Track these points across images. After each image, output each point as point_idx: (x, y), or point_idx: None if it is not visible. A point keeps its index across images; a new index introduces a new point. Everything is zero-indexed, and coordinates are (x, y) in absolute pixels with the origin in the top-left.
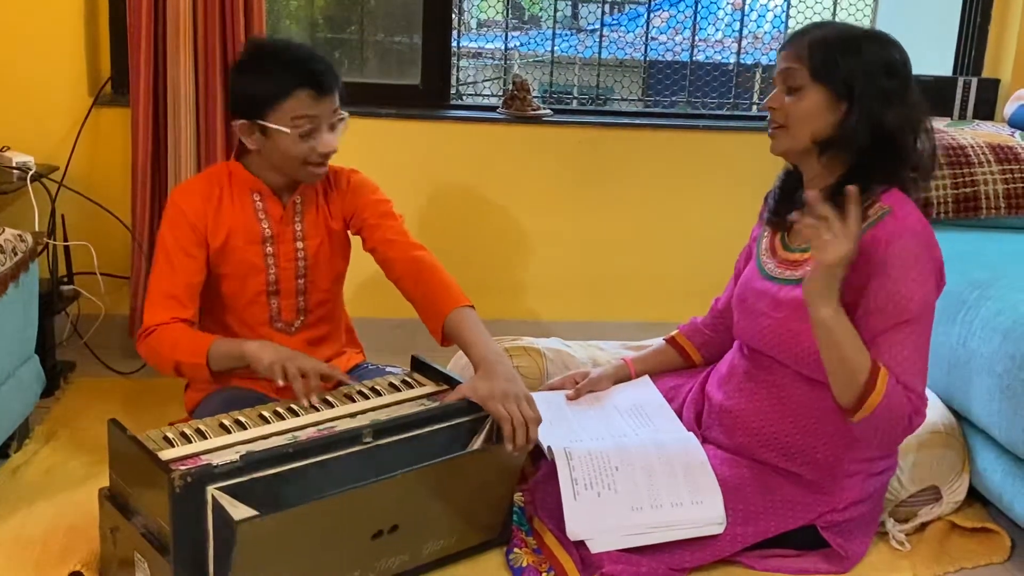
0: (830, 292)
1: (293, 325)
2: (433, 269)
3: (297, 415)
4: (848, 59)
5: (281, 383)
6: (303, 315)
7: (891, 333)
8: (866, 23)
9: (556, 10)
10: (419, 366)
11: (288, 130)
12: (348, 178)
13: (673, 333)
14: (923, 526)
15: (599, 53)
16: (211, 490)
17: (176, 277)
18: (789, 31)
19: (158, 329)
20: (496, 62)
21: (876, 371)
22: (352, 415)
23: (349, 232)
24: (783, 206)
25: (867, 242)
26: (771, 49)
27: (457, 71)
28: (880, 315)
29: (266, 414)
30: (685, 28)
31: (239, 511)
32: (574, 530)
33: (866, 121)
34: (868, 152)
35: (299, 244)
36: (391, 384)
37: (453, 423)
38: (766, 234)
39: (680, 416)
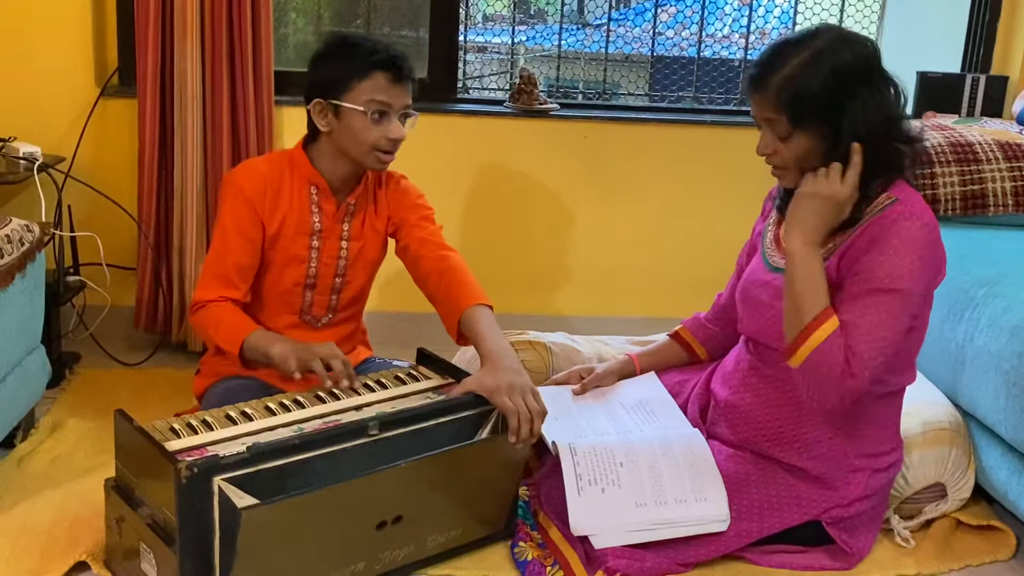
0: (805, 225)
1: (320, 320)
2: (458, 269)
3: (303, 407)
4: (821, 92)
5: (298, 376)
6: (332, 312)
7: (863, 297)
8: (874, 19)
9: (563, 4)
10: (425, 359)
11: (362, 108)
12: (399, 181)
13: (677, 328)
14: (928, 523)
15: (606, 48)
16: (217, 481)
17: (229, 257)
18: (747, 72)
19: (207, 306)
20: (502, 56)
21: (823, 319)
22: (358, 408)
23: (388, 234)
24: (791, 195)
25: (869, 225)
26: None
27: (464, 65)
28: (859, 278)
29: (272, 406)
30: (692, 23)
31: (245, 502)
32: (578, 526)
33: (853, 138)
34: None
35: (344, 243)
36: (397, 377)
37: (459, 416)
38: (771, 227)
39: (685, 411)
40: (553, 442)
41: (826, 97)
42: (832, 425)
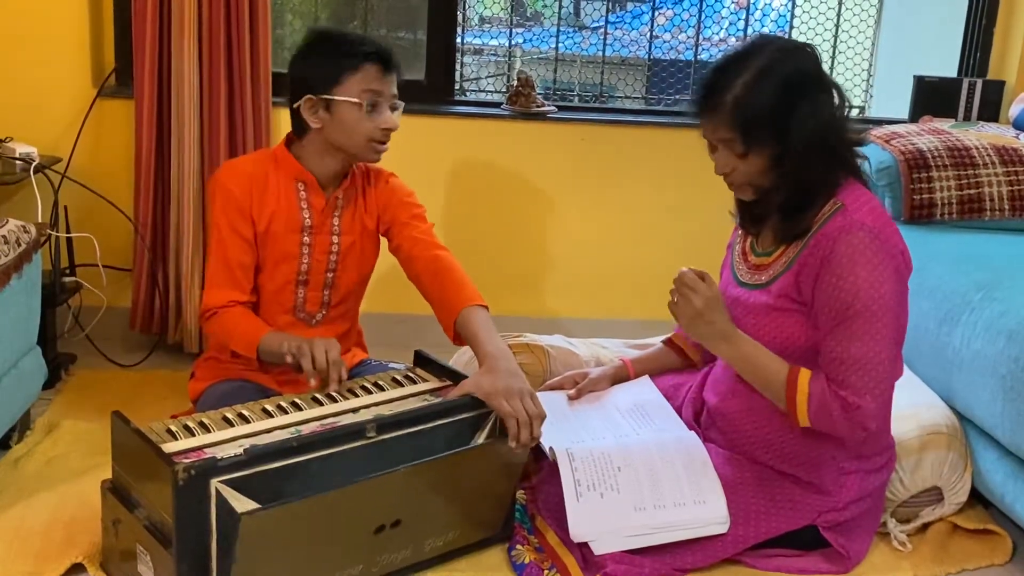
0: (711, 336)
1: (315, 317)
2: (451, 268)
3: (300, 409)
4: (771, 109)
5: (289, 360)
6: (326, 309)
7: (835, 330)
8: (871, 23)
9: (560, 7)
10: (422, 361)
11: (356, 100)
12: (387, 179)
13: (671, 334)
14: (925, 527)
15: (603, 51)
16: (214, 483)
17: (230, 256)
18: (694, 95)
19: (218, 313)
20: (499, 59)
21: (794, 378)
22: (355, 410)
23: (379, 232)
24: (746, 207)
25: (817, 240)
26: None
27: (461, 67)
28: (825, 312)
29: (269, 408)
30: (688, 27)
31: (242, 504)
32: (577, 532)
33: (801, 147)
34: (809, 168)
35: (334, 238)
36: (394, 379)
37: (456, 419)
38: (739, 240)
39: (679, 415)
40: (551, 448)
41: (775, 113)
42: (816, 431)
